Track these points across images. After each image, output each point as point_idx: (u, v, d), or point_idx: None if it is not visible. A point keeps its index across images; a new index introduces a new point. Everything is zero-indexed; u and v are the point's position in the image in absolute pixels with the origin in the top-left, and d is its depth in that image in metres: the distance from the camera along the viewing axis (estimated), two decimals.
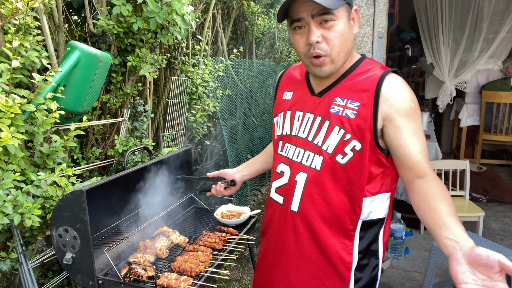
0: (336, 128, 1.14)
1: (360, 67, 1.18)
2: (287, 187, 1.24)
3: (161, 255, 1.71)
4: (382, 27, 2.12)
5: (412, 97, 1.12)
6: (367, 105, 1.11)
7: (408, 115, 1.10)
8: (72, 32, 2.43)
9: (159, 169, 1.97)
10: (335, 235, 1.19)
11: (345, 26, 1.09)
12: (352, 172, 1.14)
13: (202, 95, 3.15)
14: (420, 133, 1.12)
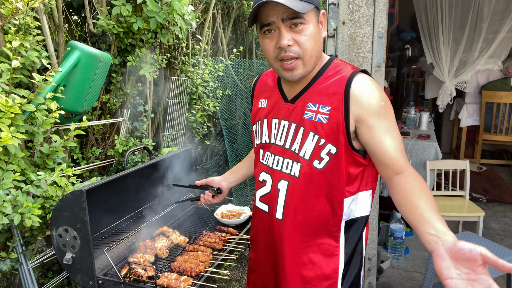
0: (310, 134, 1.15)
1: (329, 69, 1.17)
2: (270, 195, 1.25)
3: (161, 255, 1.71)
4: (382, 27, 2.12)
5: (382, 95, 1.12)
6: (338, 108, 1.11)
7: (379, 114, 1.10)
8: (72, 32, 2.43)
9: (159, 169, 1.97)
10: (319, 237, 1.20)
11: (315, 30, 1.10)
12: (330, 176, 1.15)
13: (202, 95, 3.15)
14: (394, 130, 1.12)
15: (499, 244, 2.35)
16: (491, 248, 2.30)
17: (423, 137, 3.63)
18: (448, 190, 3.44)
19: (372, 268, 2.41)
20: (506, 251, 2.26)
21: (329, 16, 2.18)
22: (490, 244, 2.35)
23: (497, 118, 4.98)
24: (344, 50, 2.18)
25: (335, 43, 2.22)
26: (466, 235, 2.48)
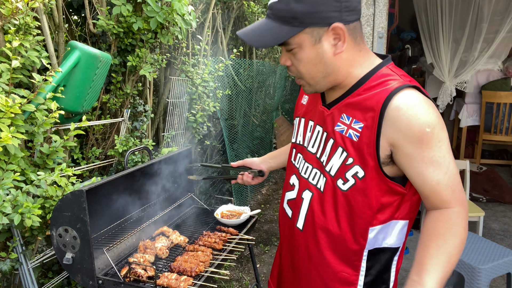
0: (339, 149, 1.03)
1: (374, 78, 1.01)
2: (295, 202, 1.17)
3: (161, 255, 1.71)
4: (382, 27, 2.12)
5: (428, 119, 0.92)
6: (371, 128, 0.96)
7: (421, 142, 0.93)
8: (72, 32, 2.43)
9: (159, 169, 1.97)
10: (337, 263, 1.09)
11: (311, 52, 0.97)
12: (354, 201, 1.02)
13: (202, 95, 3.15)
14: (442, 160, 0.94)
15: (499, 244, 2.35)
16: (491, 248, 2.30)
17: None
18: None
19: None
20: (506, 251, 2.26)
21: None
22: (490, 244, 2.35)
23: (497, 118, 4.98)
24: None
25: None
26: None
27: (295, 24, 0.94)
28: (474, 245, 2.35)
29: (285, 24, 0.95)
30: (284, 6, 0.94)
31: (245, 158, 1.67)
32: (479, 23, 4.59)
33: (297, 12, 0.93)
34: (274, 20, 0.96)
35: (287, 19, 0.94)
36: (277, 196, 4.76)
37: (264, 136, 4.94)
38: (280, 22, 0.95)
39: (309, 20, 0.93)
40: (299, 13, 0.93)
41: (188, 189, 2.23)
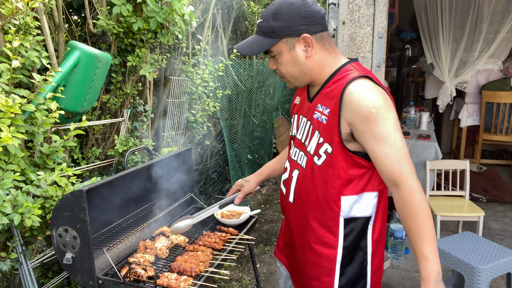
0: (316, 132, 1.28)
1: (339, 73, 1.26)
2: (287, 181, 1.43)
3: (161, 255, 1.71)
4: (382, 27, 2.12)
5: (374, 101, 1.15)
6: (334, 111, 1.21)
7: (369, 120, 1.15)
8: (72, 32, 2.43)
9: (159, 169, 1.97)
10: (319, 229, 1.31)
11: (287, 56, 1.26)
12: (326, 173, 1.25)
13: (202, 95, 3.15)
14: (389, 138, 1.14)
15: (499, 244, 2.35)
16: (491, 248, 2.30)
17: (423, 137, 3.63)
18: (448, 190, 3.44)
19: None
20: (506, 251, 2.26)
21: (329, 16, 2.18)
22: (490, 244, 2.35)
23: (497, 118, 4.98)
24: (344, 50, 2.18)
25: (335, 43, 2.22)
26: (466, 235, 2.48)
27: (274, 36, 1.24)
28: (474, 245, 2.35)
29: (267, 37, 1.25)
30: (266, 24, 1.25)
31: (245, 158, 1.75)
32: (479, 23, 4.59)
33: (275, 27, 1.23)
34: (260, 35, 1.27)
35: (268, 33, 1.25)
36: (277, 196, 4.76)
37: (264, 136, 4.93)
38: (263, 36, 1.26)
39: (284, 32, 1.24)
40: (276, 28, 1.23)
41: (188, 189, 2.23)
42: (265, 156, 4.97)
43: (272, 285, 2.96)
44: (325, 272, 1.32)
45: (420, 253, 1.14)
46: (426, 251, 1.13)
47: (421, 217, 1.13)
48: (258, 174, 1.78)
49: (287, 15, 1.22)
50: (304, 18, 1.22)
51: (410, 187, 1.14)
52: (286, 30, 1.23)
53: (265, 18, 1.26)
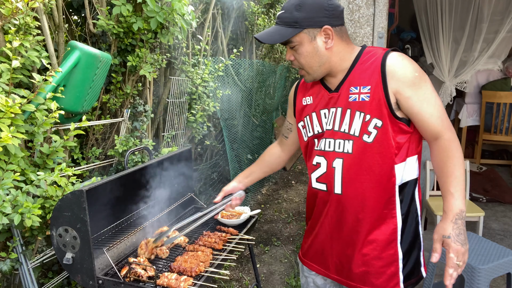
0: (357, 113, 1.31)
1: (363, 55, 1.34)
2: (326, 174, 1.40)
3: (161, 255, 1.71)
4: (382, 27, 2.12)
5: (414, 67, 1.27)
6: (377, 85, 1.27)
7: (414, 84, 1.25)
8: (72, 32, 2.43)
9: (159, 169, 1.97)
10: (378, 204, 1.34)
11: (308, 47, 1.31)
12: (380, 147, 1.30)
13: (202, 95, 3.15)
14: (430, 97, 1.27)
15: (499, 244, 2.35)
16: (491, 248, 2.30)
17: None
18: None
19: None
20: (506, 251, 2.26)
21: None
22: (490, 244, 2.35)
23: (497, 118, 4.98)
24: None
25: None
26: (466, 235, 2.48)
27: (296, 26, 1.29)
28: (474, 245, 2.35)
29: (289, 26, 1.30)
30: (288, 14, 1.29)
31: (245, 158, 1.74)
32: (479, 23, 4.58)
33: (298, 18, 1.28)
34: (281, 25, 1.31)
35: (291, 23, 1.29)
36: (277, 196, 4.76)
37: (264, 136, 4.94)
38: (285, 26, 1.30)
39: (307, 23, 1.29)
40: (299, 18, 1.28)
41: (188, 189, 2.23)
42: None
43: (272, 285, 2.96)
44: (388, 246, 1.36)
45: (447, 190, 1.26)
46: (453, 189, 1.25)
47: (456, 160, 1.26)
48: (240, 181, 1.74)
49: (310, 6, 1.28)
50: (326, 11, 1.28)
51: (450, 137, 1.28)
52: (309, 21, 1.28)
53: (287, 9, 1.30)
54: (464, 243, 1.24)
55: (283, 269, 3.15)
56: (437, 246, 1.27)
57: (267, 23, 4.83)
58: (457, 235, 1.23)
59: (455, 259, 1.22)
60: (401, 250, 1.37)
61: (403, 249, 1.37)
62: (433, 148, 1.32)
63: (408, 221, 1.38)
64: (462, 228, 1.24)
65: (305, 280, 1.62)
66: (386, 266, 1.37)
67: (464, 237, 1.24)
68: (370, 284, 1.38)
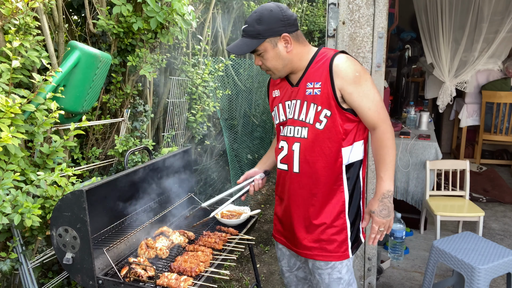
0: (312, 105, 1.56)
1: (318, 56, 1.58)
2: (287, 156, 1.65)
3: (161, 255, 1.71)
4: (382, 27, 2.12)
5: (356, 67, 1.51)
6: (326, 82, 1.52)
7: (355, 82, 1.49)
8: (72, 32, 2.43)
9: (159, 169, 1.97)
10: (329, 181, 1.60)
11: (272, 53, 1.55)
12: (330, 133, 1.54)
13: (202, 95, 3.15)
14: (369, 93, 1.51)
15: (499, 244, 2.35)
16: (491, 248, 2.30)
17: (423, 137, 3.63)
18: (448, 190, 3.43)
19: (372, 268, 2.41)
20: (506, 251, 2.26)
21: (329, 16, 2.18)
22: (490, 244, 2.35)
23: (497, 118, 4.98)
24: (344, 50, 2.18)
25: (335, 43, 2.22)
26: (466, 235, 2.48)
27: (259, 38, 1.53)
28: (474, 245, 2.35)
29: (253, 38, 1.53)
30: (251, 28, 1.52)
31: (245, 158, 1.79)
32: (479, 23, 4.58)
33: (260, 30, 1.52)
34: (246, 37, 1.54)
35: (254, 35, 1.53)
36: None
37: (264, 136, 4.93)
38: (250, 38, 1.53)
39: (268, 34, 1.52)
40: (261, 30, 1.52)
41: (188, 189, 2.23)
42: None
43: (272, 285, 2.96)
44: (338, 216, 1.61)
45: (379, 174, 1.57)
46: (382, 173, 1.55)
47: (387, 149, 1.53)
48: (260, 165, 1.91)
49: (268, 19, 1.51)
50: (282, 21, 1.51)
51: (385, 128, 1.54)
52: (269, 32, 1.52)
53: (250, 24, 1.53)
54: (387, 215, 1.57)
55: None
56: (366, 217, 1.64)
57: None
58: (380, 211, 1.57)
59: (376, 228, 1.59)
60: (349, 220, 1.63)
61: (350, 219, 1.64)
62: (372, 136, 1.58)
63: (354, 195, 1.64)
64: (387, 205, 1.56)
65: (280, 252, 1.87)
66: (337, 234, 1.62)
67: (387, 211, 1.57)
68: (324, 250, 1.63)
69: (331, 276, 1.66)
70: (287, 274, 1.90)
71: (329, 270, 1.65)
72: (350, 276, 1.69)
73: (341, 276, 1.66)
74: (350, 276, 1.70)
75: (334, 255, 1.63)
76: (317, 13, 5.93)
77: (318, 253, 1.64)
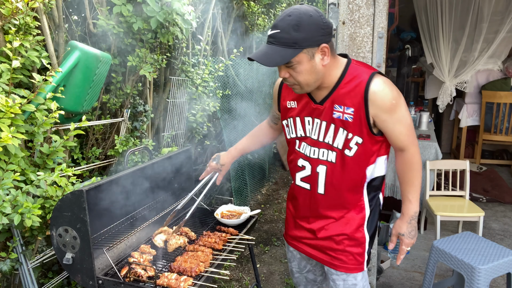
0: (340, 129, 1.47)
1: (348, 74, 1.45)
2: (311, 177, 1.59)
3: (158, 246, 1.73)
4: (382, 27, 2.12)
5: (392, 94, 1.41)
6: (360, 109, 1.42)
7: (390, 111, 1.41)
8: (72, 32, 2.43)
9: (159, 169, 1.97)
10: (352, 198, 1.57)
11: (307, 65, 1.36)
12: (359, 159, 1.49)
13: (202, 95, 3.15)
14: (403, 118, 1.44)
15: (499, 244, 2.35)
16: (491, 248, 2.30)
17: (423, 137, 3.63)
18: (448, 190, 3.43)
19: (372, 268, 2.41)
20: (506, 251, 2.26)
21: (329, 16, 2.18)
22: (490, 244, 2.35)
23: (497, 118, 4.98)
24: (344, 50, 2.18)
25: (335, 43, 2.22)
26: (466, 235, 2.48)
27: (296, 47, 1.32)
28: (474, 245, 2.35)
29: (288, 47, 1.31)
30: (286, 35, 1.31)
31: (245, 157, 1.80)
32: (479, 23, 4.58)
33: (297, 39, 1.31)
34: (279, 46, 1.32)
35: (290, 44, 1.31)
36: (277, 196, 4.76)
37: None
38: (284, 46, 1.32)
39: (306, 43, 1.32)
40: (298, 39, 1.31)
41: (188, 189, 2.23)
42: (265, 156, 4.97)
43: (272, 285, 2.96)
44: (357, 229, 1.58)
45: (406, 196, 1.55)
46: (411, 196, 1.53)
47: (415, 172, 1.51)
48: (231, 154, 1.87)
49: (308, 26, 1.31)
50: (322, 30, 1.33)
51: (413, 152, 1.50)
52: (308, 41, 1.32)
53: (284, 29, 1.31)
54: (413, 236, 1.58)
55: (283, 269, 3.15)
56: (394, 239, 1.61)
57: (267, 23, 4.83)
58: (409, 233, 1.57)
59: (405, 249, 1.60)
60: (368, 234, 1.60)
61: (369, 232, 1.61)
62: (398, 156, 1.54)
63: (373, 210, 1.61)
64: (414, 225, 1.57)
65: (291, 254, 1.84)
66: (355, 246, 1.59)
67: (414, 232, 1.57)
68: (341, 261, 1.60)
69: (346, 282, 1.63)
70: (297, 275, 1.88)
71: (344, 276, 1.62)
72: (365, 283, 1.66)
73: (356, 283, 1.63)
74: (365, 283, 1.67)
75: (350, 267, 1.60)
76: None
77: (335, 263, 1.62)
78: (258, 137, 1.90)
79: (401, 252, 1.61)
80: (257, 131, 1.90)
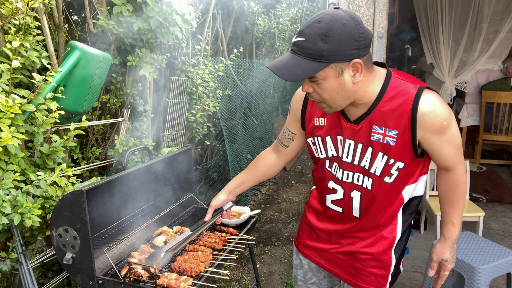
0: (380, 154, 1.29)
1: (389, 90, 1.24)
2: (343, 201, 1.43)
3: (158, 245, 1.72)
4: (382, 27, 2.12)
5: (445, 115, 1.22)
6: (405, 132, 1.23)
7: (440, 132, 1.23)
8: (72, 32, 2.43)
9: (159, 169, 1.97)
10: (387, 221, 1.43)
11: (334, 83, 1.15)
12: (398, 184, 1.33)
13: (202, 95, 3.15)
14: (452, 139, 1.27)
15: (499, 244, 2.35)
16: (491, 248, 2.30)
17: None
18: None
19: None
20: (506, 251, 2.26)
21: None
22: (490, 244, 2.35)
23: (497, 118, 4.98)
24: None
25: None
26: (466, 235, 2.48)
27: (322, 60, 1.11)
28: (474, 245, 2.35)
29: (312, 60, 1.11)
30: (312, 45, 1.10)
31: (245, 158, 1.75)
32: (479, 23, 4.58)
33: (324, 51, 1.09)
34: (302, 57, 1.12)
35: (315, 56, 1.10)
36: (277, 196, 4.76)
37: (264, 136, 4.94)
38: (307, 58, 1.11)
39: (334, 57, 1.11)
40: (326, 51, 1.09)
41: (188, 189, 2.23)
42: None
43: (272, 285, 2.96)
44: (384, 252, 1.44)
45: (449, 219, 1.42)
46: (455, 219, 1.41)
47: (461, 194, 1.39)
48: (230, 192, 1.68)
49: (339, 37, 1.09)
50: (357, 42, 1.11)
51: (460, 172, 1.36)
52: (337, 55, 1.10)
53: (310, 38, 1.10)
54: (455, 259, 1.46)
55: (283, 269, 3.15)
56: (435, 265, 1.48)
57: (267, 23, 4.83)
58: (452, 257, 1.45)
59: (447, 275, 1.47)
60: (395, 257, 1.45)
61: (396, 255, 1.46)
62: (442, 175, 1.41)
63: (405, 233, 1.47)
64: (455, 249, 1.45)
65: (298, 261, 1.69)
66: (379, 268, 1.45)
67: (455, 255, 1.45)
68: (363, 281, 1.47)
69: None
70: (300, 283, 1.73)
71: None
72: None
73: None
74: None
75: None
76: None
77: (357, 282, 1.49)
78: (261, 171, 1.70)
79: (442, 278, 1.48)
80: (260, 163, 1.70)
